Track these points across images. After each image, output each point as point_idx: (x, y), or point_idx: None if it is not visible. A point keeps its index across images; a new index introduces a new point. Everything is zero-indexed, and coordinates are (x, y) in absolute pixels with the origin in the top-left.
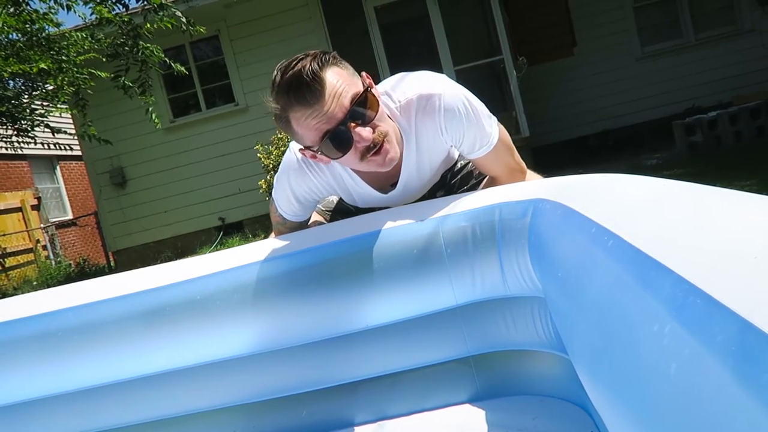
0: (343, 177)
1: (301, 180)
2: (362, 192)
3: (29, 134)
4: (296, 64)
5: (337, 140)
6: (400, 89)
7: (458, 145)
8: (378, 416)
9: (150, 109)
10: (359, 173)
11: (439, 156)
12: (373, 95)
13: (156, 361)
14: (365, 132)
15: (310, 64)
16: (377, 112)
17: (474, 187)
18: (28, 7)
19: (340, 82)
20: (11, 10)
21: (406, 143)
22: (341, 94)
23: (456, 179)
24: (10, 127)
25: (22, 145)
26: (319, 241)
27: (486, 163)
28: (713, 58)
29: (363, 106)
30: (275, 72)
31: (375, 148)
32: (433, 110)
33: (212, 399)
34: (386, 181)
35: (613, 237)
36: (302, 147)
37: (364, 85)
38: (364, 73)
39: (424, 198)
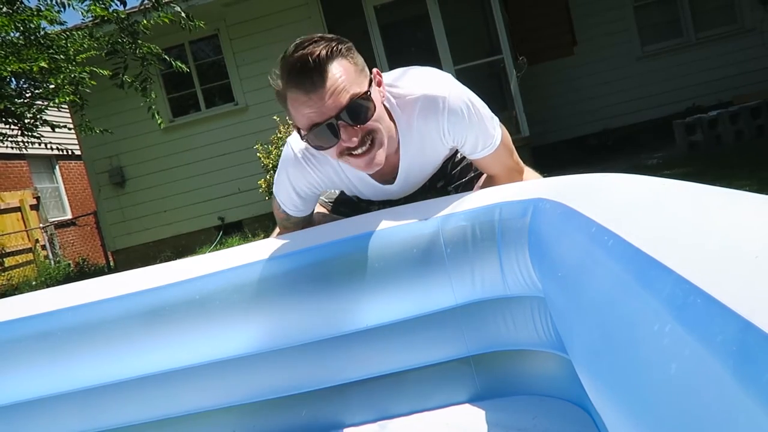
0: (343, 168)
1: (300, 174)
2: (363, 182)
3: (33, 133)
4: (308, 46)
5: (323, 135)
6: (403, 84)
7: (461, 146)
8: (378, 416)
9: (153, 107)
10: None
11: (438, 155)
12: (372, 99)
13: (156, 361)
14: (352, 134)
15: (320, 51)
16: (373, 115)
17: (472, 180)
18: (23, 5)
19: (344, 78)
20: (3, 9)
21: (405, 140)
22: (340, 91)
23: (456, 170)
24: (14, 126)
25: (27, 144)
26: (318, 240)
27: (486, 163)
28: (714, 58)
29: (358, 109)
30: (290, 45)
31: (359, 149)
32: (437, 112)
33: (212, 399)
34: (386, 176)
35: (613, 237)
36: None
37: (369, 85)
38: (375, 70)
39: (424, 187)
